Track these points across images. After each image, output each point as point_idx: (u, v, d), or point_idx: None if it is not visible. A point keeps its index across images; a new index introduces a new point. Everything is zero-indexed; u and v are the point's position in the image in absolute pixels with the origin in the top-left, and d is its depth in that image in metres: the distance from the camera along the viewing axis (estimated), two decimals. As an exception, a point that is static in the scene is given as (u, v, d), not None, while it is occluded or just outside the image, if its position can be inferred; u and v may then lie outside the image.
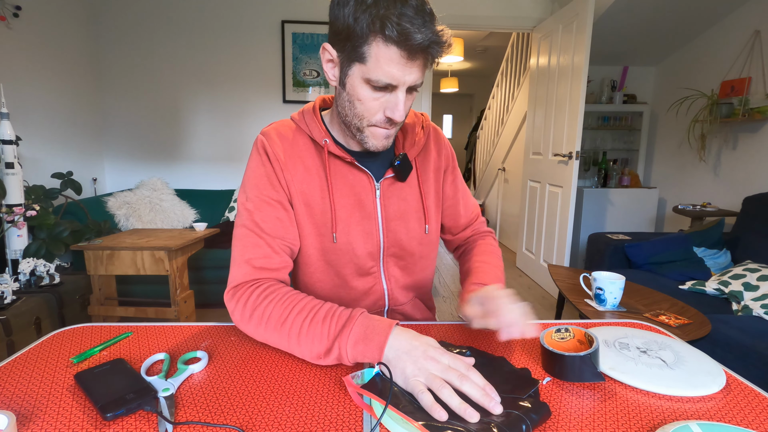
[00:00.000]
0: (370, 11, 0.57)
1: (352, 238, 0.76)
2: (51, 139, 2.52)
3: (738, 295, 1.81)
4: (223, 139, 3.16)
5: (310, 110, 0.77)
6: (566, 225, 2.73)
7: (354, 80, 0.64)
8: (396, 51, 0.59)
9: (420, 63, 0.61)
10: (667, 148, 3.37)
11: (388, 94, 0.64)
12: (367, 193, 0.77)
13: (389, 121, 0.66)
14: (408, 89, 0.64)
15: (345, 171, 0.76)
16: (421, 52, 0.60)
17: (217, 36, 3.01)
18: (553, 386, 0.56)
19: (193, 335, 0.70)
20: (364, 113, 0.66)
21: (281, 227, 0.72)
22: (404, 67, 0.60)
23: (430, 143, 0.84)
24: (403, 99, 0.64)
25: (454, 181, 0.88)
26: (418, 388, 0.49)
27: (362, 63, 0.61)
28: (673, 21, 2.86)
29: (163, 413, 0.48)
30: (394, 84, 0.62)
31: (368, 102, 0.65)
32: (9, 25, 2.19)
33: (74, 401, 0.51)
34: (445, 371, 0.50)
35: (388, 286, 0.83)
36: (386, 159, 0.80)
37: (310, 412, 0.49)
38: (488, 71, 6.83)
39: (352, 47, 0.61)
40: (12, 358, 0.62)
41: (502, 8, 3.12)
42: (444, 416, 0.46)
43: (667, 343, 0.66)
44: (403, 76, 0.61)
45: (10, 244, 1.91)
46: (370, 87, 0.63)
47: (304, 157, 0.75)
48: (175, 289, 1.93)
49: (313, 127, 0.75)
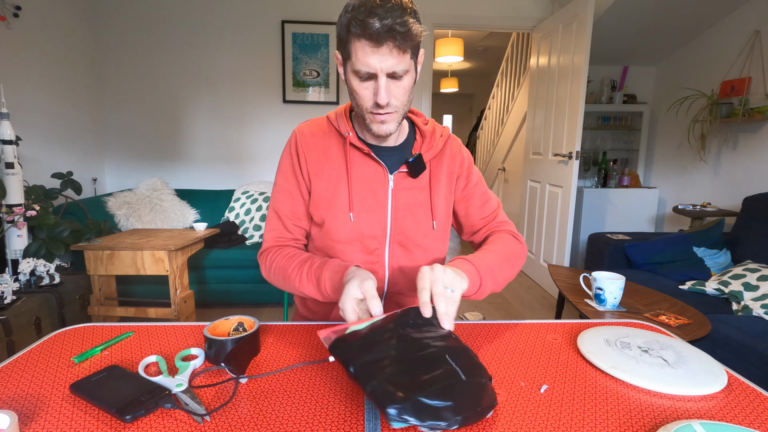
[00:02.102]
0: (348, 16, 0.69)
1: (362, 219, 0.85)
2: (51, 139, 2.52)
3: (738, 295, 1.81)
4: (223, 138, 3.16)
5: (342, 108, 0.89)
6: (566, 225, 2.73)
7: (348, 75, 0.76)
8: (365, 42, 0.69)
9: (389, 48, 0.68)
10: (667, 148, 3.38)
11: (373, 82, 0.73)
12: (381, 182, 0.86)
13: (377, 106, 0.75)
14: (390, 76, 0.72)
15: (363, 161, 0.86)
16: (385, 37, 0.67)
17: (217, 36, 3.01)
18: (554, 387, 0.56)
19: (193, 335, 0.70)
20: (360, 102, 0.76)
21: (294, 212, 0.89)
22: (374, 54, 0.69)
23: (446, 150, 0.92)
24: (384, 85, 0.72)
25: (467, 186, 0.94)
26: (343, 310, 0.63)
27: (350, 59, 0.73)
28: (673, 21, 2.86)
29: (190, 407, 0.50)
30: (372, 72, 0.71)
31: (360, 91, 0.75)
32: (9, 25, 2.19)
33: (76, 401, 0.51)
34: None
35: (390, 271, 0.88)
36: (403, 156, 0.88)
37: (310, 412, 0.50)
38: (488, 71, 6.83)
39: (343, 49, 0.74)
40: (13, 358, 0.62)
41: (502, 8, 3.12)
42: (378, 309, 0.62)
43: (668, 342, 0.67)
44: (377, 63, 0.70)
45: (10, 244, 1.91)
46: (358, 78, 0.74)
47: (330, 148, 0.87)
48: (175, 289, 1.93)
49: (341, 122, 0.86)
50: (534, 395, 0.54)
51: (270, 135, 3.17)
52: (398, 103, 0.76)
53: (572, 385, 0.56)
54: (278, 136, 3.17)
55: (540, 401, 0.52)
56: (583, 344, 0.65)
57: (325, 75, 3.10)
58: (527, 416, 0.49)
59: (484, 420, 0.48)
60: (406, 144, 0.90)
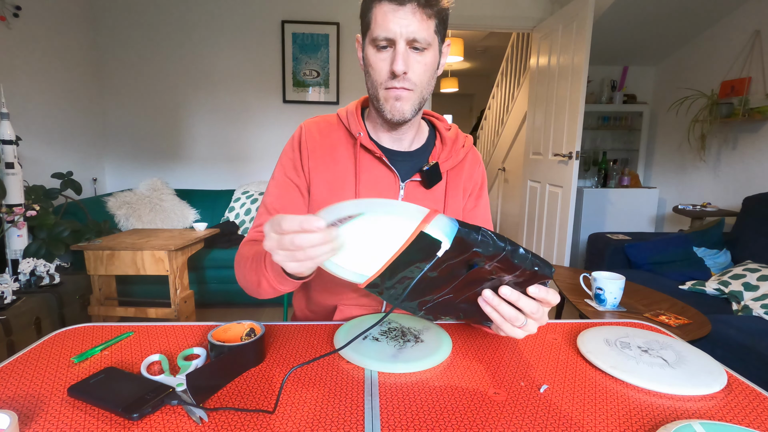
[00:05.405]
0: None
1: None
2: (51, 139, 2.52)
3: (738, 295, 1.81)
4: (223, 138, 3.16)
5: (353, 106, 0.83)
6: (566, 225, 2.73)
7: (367, 49, 0.71)
8: (386, 3, 0.65)
9: (412, 9, 0.65)
10: (667, 148, 3.38)
11: (391, 51, 0.68)
12: (391, 190, 0.79)
13: (393, 76, 0.69)
14: (411, 45, 0.67)
15: (374, 166, 0.79)
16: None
17: (217, 36, 3.01)
18: (554, 387, 0.56)
19: (193, 335, 0.70)
20: (376, 77, 0.71)
21: (286, 209, 0.81)
22: (396, 16, 0.65)
23: (465, 162, 0.85)
24: (402, 51, 0.67)
25: (475, 207, 0.88)
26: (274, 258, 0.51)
27: (369, 29, 0.69)
28: (673, 21, 2.86)
29: (190, 406, 0.49)
30: (390, 37, 0.66)
31: (377, 64, 0.70)
32: (9, 25, 2.19)
33: (76, 401, 0.51)
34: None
35: None
36: (418, 163, 0.81)
37: (310, 411, 0.50)
38: (488, 71, 6.83)
39: (364, 21, 0.70)
40: (13, 358, 0.62)
41: (502, 8, 3.12)
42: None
43: (668, 342, 0.67)
44: (397, 27, 0.65)
45: (10, 244, 1.91)
46: (375, 48, 0.69)
47: (337, 148, 0.80)
48: (175, 289, 1.93)
49: (351, 120, 0.80)
50: (534, 395, 0.54)
51: (270, 135, 3.17)
52: (417, 80, 0.70)
53: (572, 385, 0.56)
54: (278, 136, 3.18)
55: (540, 401, 0.52)
56: (583, 344, 0.65)
57: (325, 75, 3.10)
58: (527, 416, 0.49)
59: (483, 420, 0.48)
60: (424, 150, 0.83)
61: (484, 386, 0.55)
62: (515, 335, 0.52)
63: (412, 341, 0.66)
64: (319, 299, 0.87)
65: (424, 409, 0.50)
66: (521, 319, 0.50)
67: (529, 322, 0.51)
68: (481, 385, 0.56)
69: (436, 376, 0.58)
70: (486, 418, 0.49)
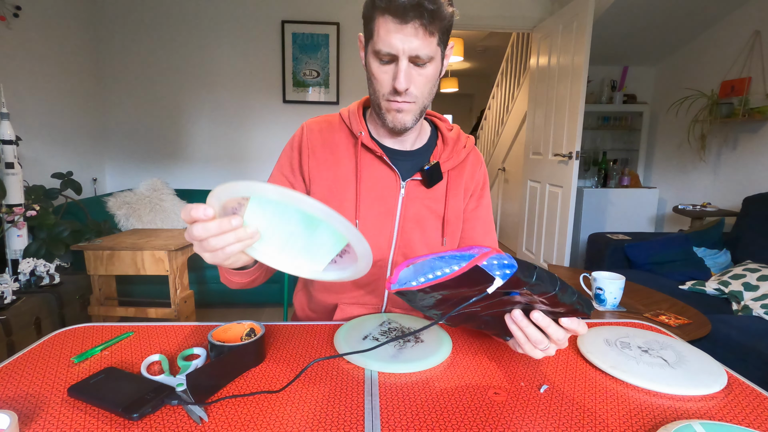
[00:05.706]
0: None
1: (367, 227, 0.80)
2: (51, 139, 2.52)
3: (738, 295, 1.81)
4: (223, 139, 3.16)
5: (355, 106, 0.83)
6: (566, 225, 2.73)
7: (369, 57, 0.71)
8: (389, 18, 0.64)
9: (415, 27, 0.64)
10: (667, 148, 3.38)
11: (394, 66, 0.68)
12: (391, 190, 0.80)
13: (395, 92, 0.70)
14: (413, 61, 0.67)
15: (375, 165, 0.80)
16: (411, 13, 0.63)
17: (217, 36, 3.01)
18: (554, 387, 0.56)
19: (193, 335, 0.70)
20: (378, 87, 0.72)
21: None
22: (399, 33, 0.65)
23: (467, 163, 0.85)
24: (405, 68, 0.67)
25: (476, 209, 0.88)
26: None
27: (372, 39, 0.68)
28: (673, 21, 2.86)
29: (190, 406, 0.49)
30: (393, 53, 0.66)
31: (379, 75, 0.70)
32: (9, 25, 2.19)
33: (76, 401, 0.51)
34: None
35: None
36: (419, 162, 0.82)
37: (310, 411, 0.50)
38: (488, 71, 6.83)
39: (367, 28, 0.70)
40: (13, 358, 0.62)
41: (502, 8, 3.12)
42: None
43: (668, 342, 0.67)
44: (400, 44, 0.65)
45: (10, 244, 1.90)
46: (378, 60, 0.69)
47: (339, 147, 0.81)
48: (175, 289, 1.93)
49: (353, 120, 0.81)
50: (534, 395, 0.54)
51: (270, 135, 3.17)
52: (418, 93, 0.70)
53: (572, 385, 0.56)
54: (278, 136, 3.18)
55: (540, 401, 0.52)
56: (583, 344, 0.65)
57: (325, 75, 3.10)
58: (527, 416, 0.49)
59: (484, 420, 0.48)
60: (425, 150, 0.83)
61: (484, 386, 0.55)
62: (534, 356, 0.52)
63: (412, 341, 0.66)
64: (320, 298, 0.87)
65: (424, 410, 0.50)
66: (545, 343, 0.51)
67: (551, 346, 0.52)
68: (481, 385, 0.56)
69: (436, 376, 0.58)
70: (486, 418, 0.49)
